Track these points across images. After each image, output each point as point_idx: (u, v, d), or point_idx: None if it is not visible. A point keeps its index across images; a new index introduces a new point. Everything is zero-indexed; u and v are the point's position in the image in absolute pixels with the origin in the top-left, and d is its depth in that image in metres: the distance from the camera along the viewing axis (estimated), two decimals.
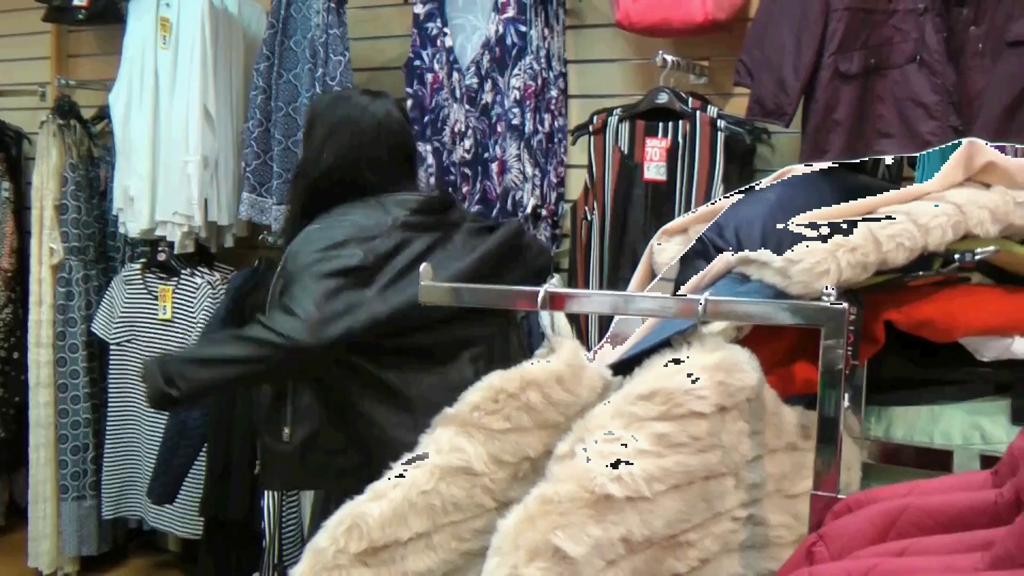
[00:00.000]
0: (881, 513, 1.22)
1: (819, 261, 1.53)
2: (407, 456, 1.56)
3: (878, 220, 1.61)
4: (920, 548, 1.13)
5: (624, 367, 1.62)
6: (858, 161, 2.25)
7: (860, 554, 1.16)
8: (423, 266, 1.66)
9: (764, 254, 1.59)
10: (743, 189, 2.05)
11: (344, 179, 2.84)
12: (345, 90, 3.10)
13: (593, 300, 1.67)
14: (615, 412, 1.43)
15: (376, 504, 1.49)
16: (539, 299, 1.57)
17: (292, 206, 3.03)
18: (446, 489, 1.51)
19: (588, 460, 1.38)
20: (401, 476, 1.51)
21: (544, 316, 1.64)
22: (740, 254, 1.66)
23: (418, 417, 1.77)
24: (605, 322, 3.35)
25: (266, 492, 3.94)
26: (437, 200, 2.91)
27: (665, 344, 1.58)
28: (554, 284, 1.61)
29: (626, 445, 1.39)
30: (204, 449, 4.24)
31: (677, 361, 1.48)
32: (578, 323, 3.52)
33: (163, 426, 4.39)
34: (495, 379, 1.56)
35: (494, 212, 3.71)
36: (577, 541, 1.33)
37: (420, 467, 1.51)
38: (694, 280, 1.73)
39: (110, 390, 4.74)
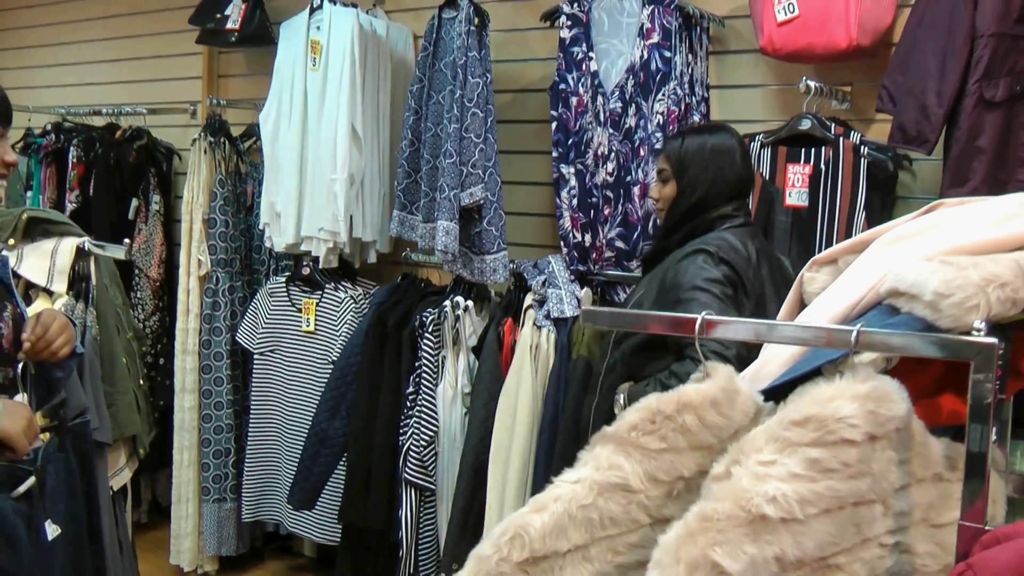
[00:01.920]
0: None
1: (969, 296, 1.57)
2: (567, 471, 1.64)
3: None
4: None
5: (776, 393, 1.68)
6: None
7: None
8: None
9: (915, 287, 1.63)
10: None
11: (709, 207, 3.05)
12: (696, 129, 3.26)
13: (748, 327, 1.72)
14: (770, 436, 1.49)
15: (538, 516, 1.57)
16: (696, 325, 1.63)
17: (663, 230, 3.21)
18: (604, 504, 1.59)
19: (744, 481, 1.44)
20: (562, 490, 1.60)
21: None
22: (890, 286, 1.70)
23: None
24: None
25: (404, 503, 4.04)
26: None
27: (816, 372, 1.64)
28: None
29: (781, 468, 1.45)
30: (344, 458, 4.34)
31: (829, 389, 1.54)
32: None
33: (303, 434, 4.52)
34: (652, 400, 1.63)
35: (635, 235, 3.74)
36: (734, 558, 1.39)
37: (580, 482, 1.59)
38: (843, 311, 1.78)
39: (253, 397, 4.89)
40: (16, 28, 6.86)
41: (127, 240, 3.61)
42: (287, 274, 4.85)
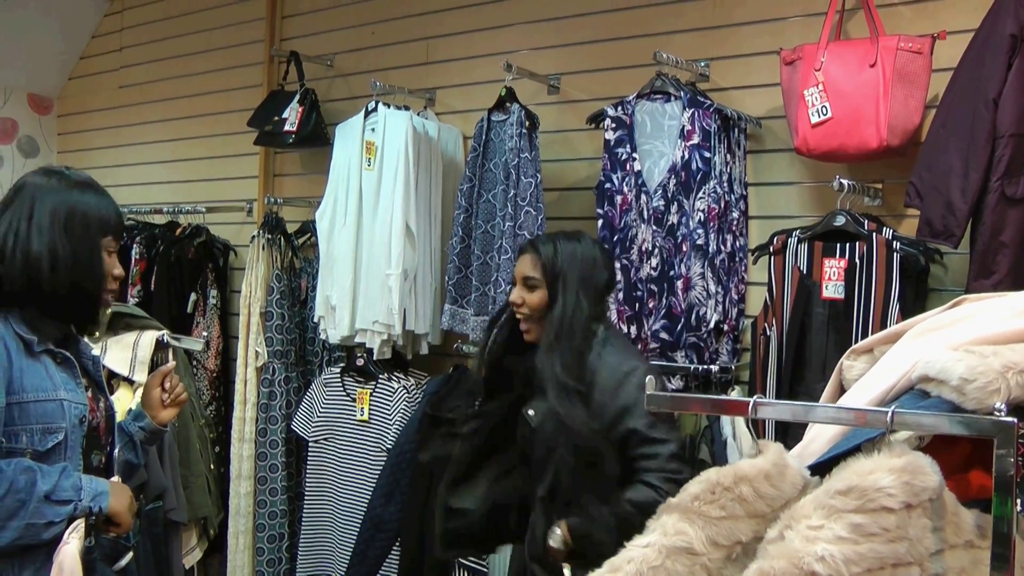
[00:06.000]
0: None
1: (991, 381, 1.77)
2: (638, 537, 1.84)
3: None
4: None
5: (821, 468, 1.88)
6: None
7: None
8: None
9: (943, 373, 1.84)
10: None
11: None
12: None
13: (795, 409, 1.93)
14: (817, 504, 1.69)
15: None
16: (750, 407, 1.84)
17: None
18: (671, 566, 1.79)
19: (797, 543, 1.64)
20: (634, 553, 1.80)
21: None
22: (921, 372, 1.91)
23: None
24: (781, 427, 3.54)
25: None
26: None
27: (856, 449, 1.84)
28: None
29: (828, 532, 1.65)
30: (399, 542, 4.46)
31: (869, 463, 1.73)
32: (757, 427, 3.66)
33: (356, 519, 4.64)
34: (712, 474, 1.85)
35: (679, 327, 3.88)
36: None
37: (651, 546, 1.80)
38: (880, 395, 1.98)
39: (307, 484, 5.02)
40: (80, 131, 7.17)
41: (205, 334, 3.83)
42: (341, 365, 4.98)
